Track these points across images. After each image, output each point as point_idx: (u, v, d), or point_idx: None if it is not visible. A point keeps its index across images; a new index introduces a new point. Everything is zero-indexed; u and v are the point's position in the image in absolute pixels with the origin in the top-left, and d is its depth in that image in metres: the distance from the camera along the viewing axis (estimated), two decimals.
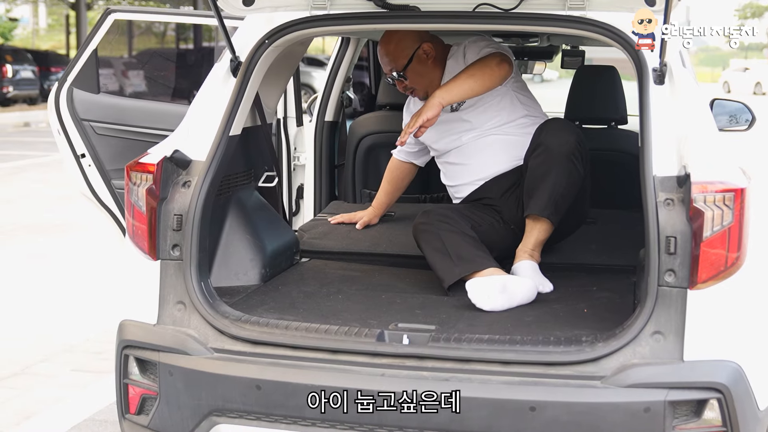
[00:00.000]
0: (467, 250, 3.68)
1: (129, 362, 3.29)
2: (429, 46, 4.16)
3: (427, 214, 3.85)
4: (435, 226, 3.77)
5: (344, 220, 4.59)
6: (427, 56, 4.16)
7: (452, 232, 3.74)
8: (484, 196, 4.11)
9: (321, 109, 5.19)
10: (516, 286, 3.48)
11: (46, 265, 8.20)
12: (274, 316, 3.28)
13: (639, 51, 3.24)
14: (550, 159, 3.73)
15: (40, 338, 6.03)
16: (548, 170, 3.72)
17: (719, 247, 2.87)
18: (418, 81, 4.18)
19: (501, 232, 4.01)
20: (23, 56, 30.09)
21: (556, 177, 3.72)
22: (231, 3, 3.45)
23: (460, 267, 3.64)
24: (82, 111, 4.90)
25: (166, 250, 3.27)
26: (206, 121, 3.44)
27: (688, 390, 2.85)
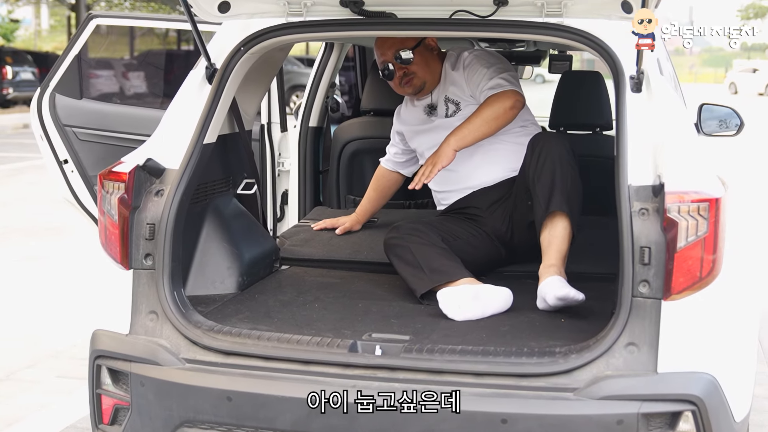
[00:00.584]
0: (439, 261, 3.66)
1: (101, 372, 3.26)
2: (433, 39, 4.19)
3: (396, 229, 3.84)
4: (405, 240, 3.75)
5: (327, 226, 4.57)
6: (432, 48, 4.19)
7: (423, 245, 3.72)
8: (470, 205, 4.07)
9: (305, 114, 5.16)
10: (490, 295, 3.45)
11: (38, 268, 8.18)
12: (247, 325, 3.25)
13: (615, 58, 3.22)
14: (553, 162, 3.69)
15: (27, 343, 6.00)
16: (554, 171, 3.68)
17: (694, 258, 2.84)
18: (422, 68, 4.15)
19: (482, 246, 3.98)
20: (23, 58, 30.09)
21: (563, 176, 3.67)
22: (206, 9, 3.42)
23: (431, 278, 3.61)
24: (64, 116, 4.88)
25: (139, 259, 3.24)
26: (180, 129, 3.42)
27: (662, 402, 2.82)
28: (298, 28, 3.47)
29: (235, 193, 3.95)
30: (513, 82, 3.99)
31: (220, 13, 3.45)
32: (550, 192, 3.66)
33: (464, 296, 3.40)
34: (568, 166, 3.70)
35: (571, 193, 3.68)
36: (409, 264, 3.69)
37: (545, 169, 3.69)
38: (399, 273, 3.73)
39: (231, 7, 3.44)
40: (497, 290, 3.49)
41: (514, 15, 3.35)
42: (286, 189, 5.08)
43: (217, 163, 3.71)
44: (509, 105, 3.89)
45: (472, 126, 3.85)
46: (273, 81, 5.04)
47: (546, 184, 3.67)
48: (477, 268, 3.78)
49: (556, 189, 3.65)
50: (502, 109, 3.88)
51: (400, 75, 4.17)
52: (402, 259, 3.72)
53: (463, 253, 3.82)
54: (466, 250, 3.88)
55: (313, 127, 5.18)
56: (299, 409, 2.92)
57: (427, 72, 4.17)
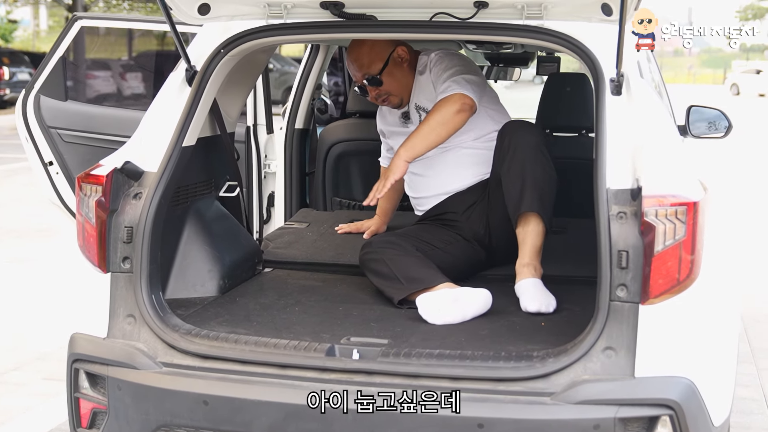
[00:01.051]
0: (414, 270, 3.65)
1: (79, 376, 3.25)
2: (403, 50, 4.11)
3: (369, 244, 3.83)
4: (379, 253, 3.74)
5: (351, 230, 4.56)
6: (402, 60, 4.11)
7: (397, 256, 3.71)
8: (447, 211, 4.06)
9: (291, 116, 5.15)
10: (468, 299, 3.44)
11: (27, 270, 8.16)
12: (225, 329, 3.24)
13: (595, 61, 3.21)
14: (522, 157, 3.68)
15: (14, 345, 5.98)
16: (524, 167, 3.66)
17: (671, 262, 2.83)
18: (394, 86, 4.11)
19: (460, 252, 3.96)
20: (20, 58, 30.04)
21: (534, 173, 3.65)
22: (186, 12, 3.41)
23: (408, 286, 3.60)
24: (49, 118, 4.87)
25: (117, 262, 3.23)
26: (159, 132, 3.41)
27: (639, 406, 2.81)
28: (278, 30, 3.46)
29: (217, 195, 3.94)
30: (463, 85, 3.86)
31: (200, 15, 3.44)
32: (521, 191, 3.66)
33: (442, 300, 3.39)
34: (537, 157, 3.68)
35: (543, 187, 3.67)
36: (385, 276, 3.68)
37: (514, 164, 3.69)
38: (376, 286, 3.72)
39: (211, 9, 3.43)
40: (476, 292, 3.48)
41: (495, 17, 3.33)
42: (272, 191, 5.07)
43: (197, 165, 3.69)
44: (455, 109, 3.78)
45: (420, 135, 3.77)
46: (259, 82, 5.04)
47: (515, 181, 3.67)
48: (458, 275, 3.77)
49: (526, 188, 3.65)
50: (449, 114, 3.77)
51: (374, 95, 4.16)
52: (377, 273, 3.71)
53: (441, 262, 3.81)
54: (444, 258, 3.87)
55: (299, 129, 5.17)
56: (275, 413, 2.91)
57: (401, 87, 4.13)
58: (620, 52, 3.08)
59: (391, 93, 4.13)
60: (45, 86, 4.89)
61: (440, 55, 4.08)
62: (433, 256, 3.82)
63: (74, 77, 6.26)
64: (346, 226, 4.56)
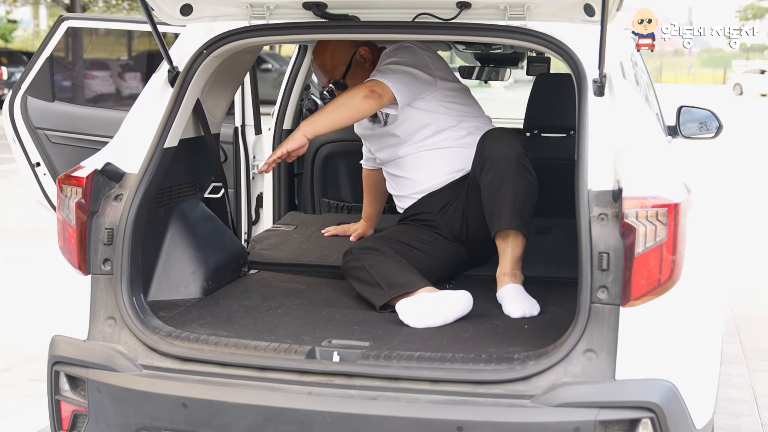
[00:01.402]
0: (395, 276, 3.63)
1: (60, 378, 3.24)
2: (365, 50, 4.11)
3: (350, 252, 3.81)
4: (360, 260, 3.72)
5: (338, 233, 4.55)
6: (365, 60, 4.11)
7: (378, 262, 3.69)
8: (422, 211, 4.04)
9: (279, 117, 5.14)
10: (449, 302, 3.43)
11: (22, 270, 8.14)
12: (207, 331, 3.23)
13: (578, 62, 3.19)
14: (501, 170, 3.63)
15: (7, 346, 5.96)
16: (503, 181, 3.62)
17: (652, 264, 2.82)
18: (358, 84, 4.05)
19: (439, 252, 3.94)
20: (19, 59, 30.00)
21: (513, 186, 3.62)
22: (168, 12, 3.40)
23: (389, 292, 3.58)
24: (36, 119, 4.85)
25: (97, 264, 3.21)
26: (141, 133, 3.39)
27: (620, 409, 2.80)
28: (261, 31, 3.44)
29: (202, 197, 3.92)
30: (386, 74, 3.82)
31: (182, 15, 3.43)
32: (500, 208, 3.62)
33: (422, 304, 3.38)
34: (518, 170, 3.62)
35: (523, 200, 3.63)
36: (367, 283, 3.66)
37: (494, 178, 3.64)
38: (359, 294, 3.71)
39: (193, 10, 3.42)
40: (456, 295, 3.46)
41: (477, 18, 3.32)
42: (261, 192, 5.05)
43: (181, 166, 3.68)
44: (363, 94, 3.72)
45: (324, 113, 3.73)
46: (247, 83, 5.03)
47: (494, 196, 3.63)
48: (440, 275, 3.76)
49: (506, 204, 3.61)
50: (356, 98, 3.72)
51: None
52: (359, 280, 3.70)
53: (421, 263, 3.80)
54: (424, 259, 3.85)
55: (287, 129, 5.16)
56: (255, 415, 2.90)
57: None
58: (602, 53, 3.06)
59: None
60: (32, 87, 4.88)
61: (390, 49, 4.06)
62: (413, 257, 3.81)
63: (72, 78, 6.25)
64: (333, 228, 4.56)
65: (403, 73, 3.86)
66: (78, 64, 6.59)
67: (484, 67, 6.60)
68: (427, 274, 3.69)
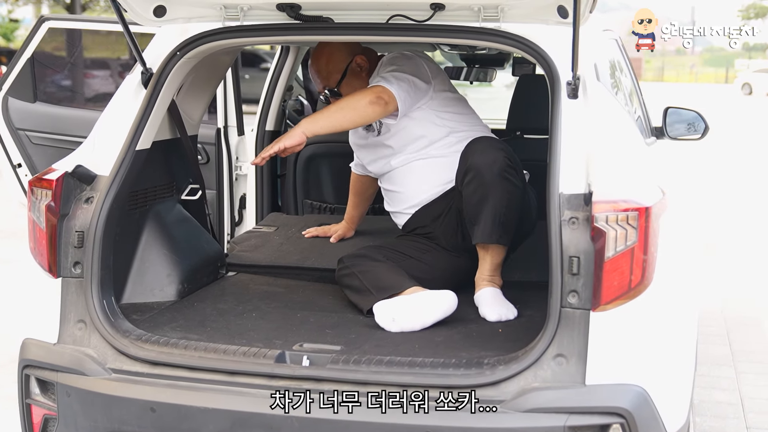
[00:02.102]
0: (383, 278, 3.60)
1: (30, 382, 3.22)
2: (362, 58, 4.05)
3: (342, 260, 3.79)
4: (350, 267, 3.70)
5: (318, 234, 4.51)
6: (361, 69, 4.06)
7: (369, 267, 3.67)
8: (418, 225, 3.98)
9: (261, 118, 5.12)
10: (429, 304, 3.39)
11: (13, 271, 8.12)
12: (177, 335, 3.20)
13: (551, 64, 3.17)
14: (483, 183, 3.54)
15: None
16: (485, 195, 3.54)
17: (623, 268, 2.80)
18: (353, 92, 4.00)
19: (439, 259, 3.87)
20: None
21: (495, 200, 3.53)
22: (141, 14, 3.37)
23: (377, 295, 3.54)
24: (17, 120, 4.83)
25: (68, 267, 3.19)
26: (113, 135, 3.37)
27: (589, 414, 2.77)
28: (235, 32, 3.42)
29: (179, 198, 3.90)
30: (390, 81, 3.75)
31: (156, 17, 3.40)
32: (482, 221, 3.55)
33: (398, 308, 3.35)
34: (501, 183, 3.53)
35: (504, 213, 3.55)
36: (357, 289, 3.64)
37: (474, 192, 3.56)
38: (351, 301, 3.68)
39: (167, 12, 3.39)
40: (437, 296, 3.42)
41: (451, 20, 3.30)
42: (244, 193, 5.04)
43: (156, 168, 3.66)
44: (369, 99, 3.65)
45: (327, 113, 3.65)
46: (229, 84, 5.01)
47: (475, 209, 3.57)
48: (438, 284, 3.61)
49: (487, 217, 3.54)
50: (362, 102, 3.64)
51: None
52: (350, 287, 3.68)
53: (417, 272, 3.74)
54: (420, 267, 3.80)
55: (269, 130, 5.14)
56: (222, 420, 2.88)
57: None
58: (575, 55, 3.04)
59: None
60: (13, 88, 4.86)
61: (390, 56, 4.00)
62: (410, 266, 3.76)
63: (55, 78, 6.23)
64: (314, 230, 4.53)
65: (406, 81, 3.80)
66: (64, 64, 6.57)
67: (471, 68, 6.58)
68: (425, 282, 3.61)
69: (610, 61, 3.76)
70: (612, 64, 3.83)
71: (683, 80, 67.08)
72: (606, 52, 3.71)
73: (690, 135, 5.28)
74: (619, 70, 4.08)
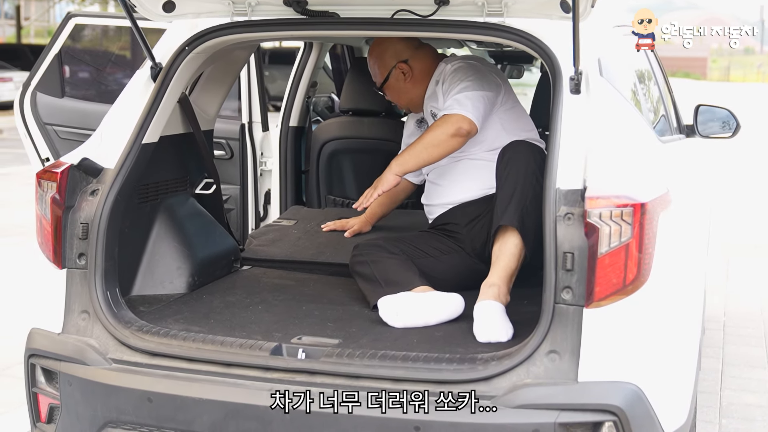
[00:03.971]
0: (394, 272, 3.60)
1: (36, 371, 3.27)
2: (405, 66, 4.08)
3: (358, 247, 3.80)
4: (364, 256, 3.71)
5: (336, 228, 4.52)
6: (404, 75, 4.10)
7: (381, 259, 3.66)
8: (450, 221, 3.95)
9: (285, 114, 5.15)
10: (434, 305, 3.37)
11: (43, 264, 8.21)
12: (179, 326, 3.24)
13: (554, 59, 3.15)
14: (516, 172, 3.52)
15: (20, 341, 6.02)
16: (515, 182, 3.50)
17: (617, 265, 2.77)
18: (396, 97, 4.20)
19: (458, 262, 3.83)
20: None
21: (524, 188, 3.48)
22: (150, 9, 3.41)
23: (386, 289, 3.53)
24: (45, 115, 4.91)
25: (72, 258, 3.24)
26: (120, 128, 3.41)
27: (581, 412, 2.75)
28: (242, 27, 3.45)
29: (193, 193, 3.94)
30: (465, 104, 3.75)
31: (165, 12, 3.45)
32: (507, 204, 3.48)
33: (402, 304, 3.34)
34: (531, 179, 3.48)
35: (530, 209, 3.45)
36: (367, 278, 3.64)
37: (508, 180, 3.53)
38: (360, 289, 3.69)
39: (176, 7, 3.43)
40: (445, 298, 3.40)
41: (455, 15, 3.30)
42: (269, 189, 5.07)
43: (167, 162, 3.70)
44: (451, 132, 3.70)
45: (414, 152, 3.74)
46: (253, 80, 5.05)
47: (504, 196, 3.51)
48: (451, 285, 3.58)
49: (513, 202, 3.46)
50: (444, 136, 3.70)
51: (388, 98, 4.27)
52: (361, 275, 3.69)
53: (433, 271, 3.74)
54: (437, 267, 3.78)
55: (293, 126, 5.16)
56: (217, 411, 2.90)
57: (403, 98, 4.19)
58: (576, 50, 3.02)
59: (395, 101, 4.25)
60: (41, 83, 4.94)
61: (456, 66, 3.97)
62: (426, 264, 3.75)
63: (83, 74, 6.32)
64: (332, 223, 4.52)
65: (480, 100, 3.80)
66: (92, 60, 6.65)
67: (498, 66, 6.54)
68: (437, 282, 3.59)
69: (620, 57, 3.71)
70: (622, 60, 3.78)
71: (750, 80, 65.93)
72: (614, 47, 3.66)
73: (722, 133, 5.20)
74: (633, 66, 4.02)
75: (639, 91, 3.92)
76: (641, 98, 3.92)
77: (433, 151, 3.73)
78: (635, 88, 3.84)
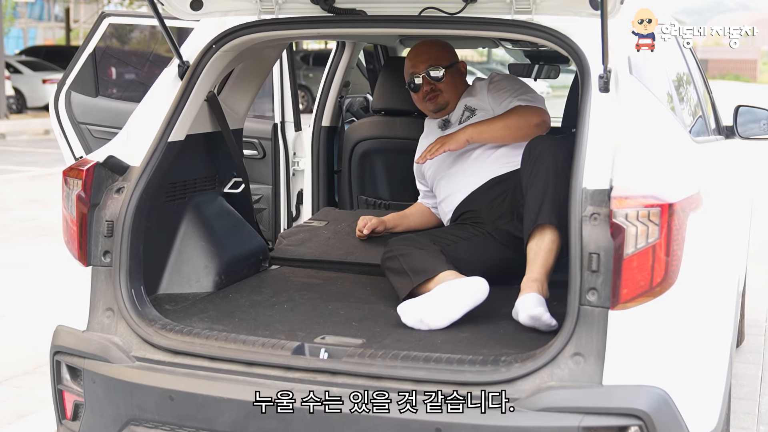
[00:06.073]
0: (420, 262, 3.56)
1: (61, 368, 3.28)
2: (464, 65, 4.32)
3: (388, 243, 3.78)
4: (394, 251, 3.68)
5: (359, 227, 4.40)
6: (461, 73, 4.28)
7: (410, 250, 3.63)
8: (471, 209, 3.94)
9: (318, 114, 5.13)
10: (457, 294, 3.31)
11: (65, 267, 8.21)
12: (203, 325, 3.23)
13: (582, 57, 3.10)
14: (546, 169, 3.49)
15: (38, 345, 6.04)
16: (547, 179, 3.47)
17: (643, 266, 2.71)
18: (449, 88, 4.20)
19: (487, 243, 3.81)
20: None
21: (555, 184, 3.44)
22: (178, 7, 3.41)
23: (413, 279, 3.52)
24: (79, 114, 4.94)
25: (97, 256, 3.24)
26: (146, 126, 3.41)
27: (605, 416, 2.70)
28: (270, 25, 3.44)
29: (221, 191, 3.93)
30: (541, 102, 4.00)
31: (192, 10, 3.44)
32: (540, 203, 3.44)
33: (424, 308, 3.28)
34: (562, 175, 3.42)
35: (563, 205, 3.30)
36: (396, 272, 3.62)
37: (538, 177, 3.49)
38: (391, 285, 3.66)
39: (203, 5, 3.43)
40: (465, 285, 3.34)
41: (483, 12, 3.27)
42: (301, 189, 5.05)
43: (195, 160, 3.69)
44: (535, 121, 3.88)
45: (494, 126, 3.88)
46: (286, 80, 5.04)
47: (537, 194, 3.46)
48: (486, 271, 3.54)
49: (547, 200, 3.43)
50: (527, 123, 3.88)
51: (427, 90, 4.18)
52: (390, 269, 3.66)
53: (464, 253, 3.72)
54: (467, 248, 3.77)
55: (326, 126, 5.14)
56: (237, 410, 2.89)
57: (453, 93, 4.22)
58: (605, 48, 2.97)
59: (442, 92, 4.19)
60: (76, 82, 4.97)
61: (499, 78, 4.23)
62: (458, 249, 3.73)
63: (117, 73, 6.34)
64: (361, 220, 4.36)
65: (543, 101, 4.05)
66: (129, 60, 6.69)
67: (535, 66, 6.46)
68: (469, 264, 3.61)
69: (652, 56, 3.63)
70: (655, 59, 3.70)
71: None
72: (664, 47, 3.59)
73: (762, 134, 5.11)
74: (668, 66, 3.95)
75: (673, 90, 3.84)
76: (675, 98, 3.85)
77: (511, 133, 3.88)
78: (669, 87, 3.77)
